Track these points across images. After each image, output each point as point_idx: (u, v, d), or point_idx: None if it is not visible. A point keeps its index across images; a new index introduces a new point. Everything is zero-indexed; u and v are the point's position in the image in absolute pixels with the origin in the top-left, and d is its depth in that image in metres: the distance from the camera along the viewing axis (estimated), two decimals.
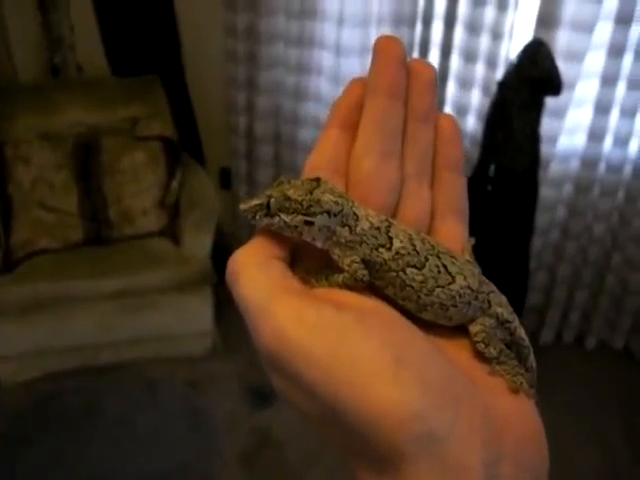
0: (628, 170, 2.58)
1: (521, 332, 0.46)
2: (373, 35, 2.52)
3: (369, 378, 0.33)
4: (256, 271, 0.39)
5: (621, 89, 2.42)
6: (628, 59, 2.37)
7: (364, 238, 0.42)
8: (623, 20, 2.29)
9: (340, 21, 2.47)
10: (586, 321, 2.89)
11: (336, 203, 0.41)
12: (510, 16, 2.35)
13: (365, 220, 0.42)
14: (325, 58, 2.59)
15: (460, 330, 0.44)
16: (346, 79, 1.82)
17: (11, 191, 2.67)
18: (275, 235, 0.42)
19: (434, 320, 0.43)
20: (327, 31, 2.54)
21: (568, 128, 2.49)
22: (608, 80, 2.40)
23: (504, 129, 2.36)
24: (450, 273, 0.43)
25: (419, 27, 2.54)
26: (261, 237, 0.42)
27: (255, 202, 0.42)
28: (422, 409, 0.33)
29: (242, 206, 0.42)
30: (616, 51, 2.34)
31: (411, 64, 0.44)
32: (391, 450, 0.32)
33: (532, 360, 0.46)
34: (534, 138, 2.35)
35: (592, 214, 2.67)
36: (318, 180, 0.42)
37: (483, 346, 0.43)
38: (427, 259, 0.43)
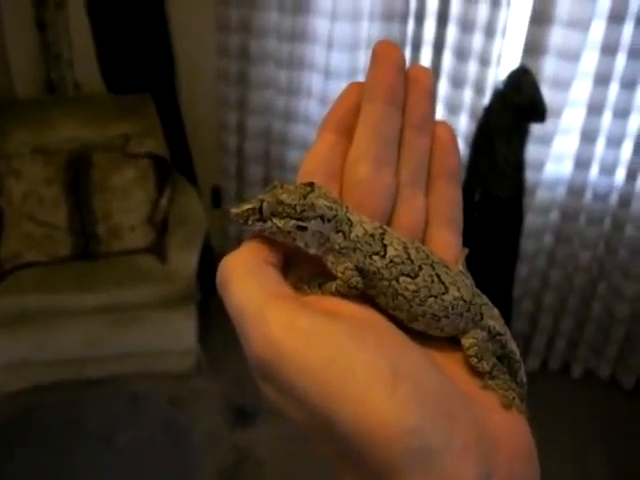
0: (614, 199, 2.58)
1: (512, 345, 0.46)
2: (362, 59, 2.54)
3: (365, 390, 0.32)
4: (247, 276, 0.38)
5: (607, 118, 2.43)
6: (614, 88, 2.38)
7: (358, 245, 0.41)
8: (609, 50, 2.30)
9: (329, 45, 2.50)
10: (572, 349, 2.87)
11: (330, 208, 0.41)
12: (498, 43, 2.37)
13: (359, 226, 0.42)
14: (315, 80, 2.62)
15: (452, 342, 0.43)
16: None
17: (2, 204, 2.70)
18: (267, 240, 0.41)
19: (425, 331, 0.42)
20: (317, 54, 2.57)
21: (555, 155, 2.50)
22: (594, 109, 2.41)
23: (488, 155, 2.38)
24: (443, 283, 0.42)
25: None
26: (252, 242, 0.41)
27: (247, 206, 0.41)
28: (419, 423, 0.32)
29: (233, 210, 0.41)
30: (602, 80, 2.36)
31: (409, 71, 0.43)
32: (386, 464, 0.32)
33: (523, 374, 0.46)
34: (517, 165, 2.37)
35: (578, 242, 2.67)
36: (312, 185, 0.41)
37: (476, 360, 0.42)
38: (421, 268, 0.42)
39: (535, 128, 2.38)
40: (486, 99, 2.43)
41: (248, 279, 0.38)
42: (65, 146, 2.81)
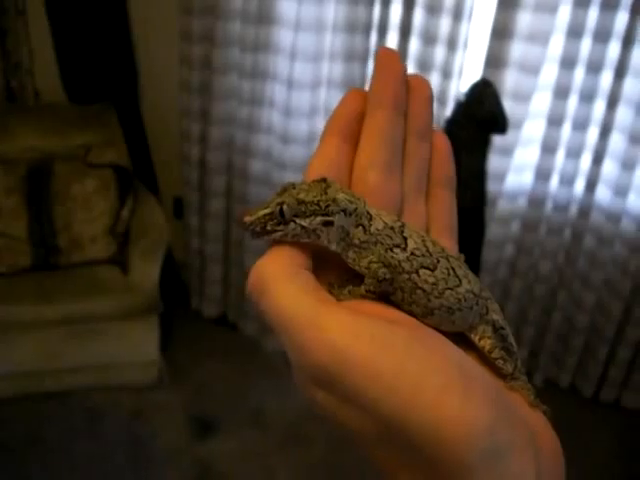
0: (574, 209, 2.62)
1: (512, 339, 0.46)
2: (325, 70, 2.55)
3: (439, 393, 0.32)
4: (287, 282, 0.37)
5: (567, 130, 2.47)
6: (573, 101, 2.42)
7: (379, 238, 0.41)
8: (568, 63, 2.34)
9: (292, 56, 2.50)
10: (533, 358, 2.90)
11: (350, 202, 0.40)
12: (459, 56, 2.40)
13: (379, 219, 0.41)
14: (277, 91, 2.61)
15: (459, 341, 0.43)
16: (297, 113, 1.89)
17: None
18: (294, 244, 0.40)
19: (437, 326, 0.41)
20: (280, 65, 2.57)
21: (516, 166, 2.53)
22: (554, 121, 2.45)
23: None
24: (457, 276, 0.42)
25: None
26: (281, 247, 0.40)
27: (263, 212, 0.40)
28: (491, 423, 0.32)
29: (248, 219, 0.40)
30: (561, 93, 2.40)
31: (410, 80, 0.44)
32: (459, 465, 0.32)
33: (520, 366, 0.45)
34: (480, 176, 2.38)
35: (539, 252, 2.71)
36: (325, 180, 0.41)
37: (502, 362, 0.42)
38: (439, 261, 0.42)
39: (497, 139, 2.41)
40: (448, 111, 2.45)
41: (290, 285, 0.37)
42: (25, 155, 2.78)
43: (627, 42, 2.29)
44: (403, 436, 0.33)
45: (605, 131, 2.45)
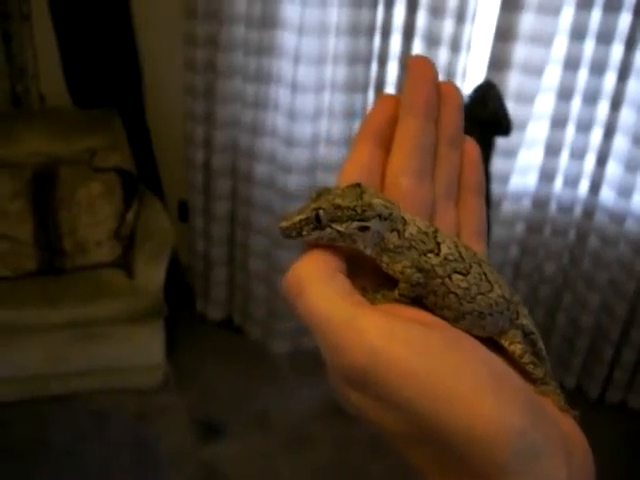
0: (578, 210, 2.62)
1: (541, 344, 0.46)
2: (329, 73, 2.55)
3: (472, 394, 0.33)
4: (324, 285, 0.38)
5: (570, 131, 2.48)
6: (576, 102, 2.42)
7: (412, 243, 0.41)
8: (571, 65, 2.35)
9: (296, 59, 2.51)
10: None
11: (386, 207, 0.41)
12: (463, 58, 2.40)
13: (413, 225, 0.42)
14: (281, 94, 2.62)
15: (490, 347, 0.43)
16: (301, 116, 1.89)
17: None
18: (329, 248, 0.41)
19: (469, 330, 0.42)
20: (284, 68, 2.58)
21: (520, 168, 2.54)
22: (558, 122, 2.46)
23: None
24: (489, 281, 0.43)
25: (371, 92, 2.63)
26: (317, 250, 0.41)
27: (299, 217, 0.40)
28: (525, 424, 0.33)
29: (283, 224, 0.41)
30: (565, 94, 2.40)
31: (441, 87, 0.45)
32: (494, 465, 0.32)
33: (550, 371, 0.46)
34: (484, 178, 2.39)
35: (543, 253, 2.71)
36: (360, 185, 0.41)
37: (532, 367, 0.43)
38: (471, 266, 0.42)
39: (501, 141, 2.41)
40: None
41: (326, 288, 0.38)
42: (31, 160, 2.78)
43: (630, 43, 2.30)
44: (436, 434, 0.33)
45: (609, 132, 2.45)
